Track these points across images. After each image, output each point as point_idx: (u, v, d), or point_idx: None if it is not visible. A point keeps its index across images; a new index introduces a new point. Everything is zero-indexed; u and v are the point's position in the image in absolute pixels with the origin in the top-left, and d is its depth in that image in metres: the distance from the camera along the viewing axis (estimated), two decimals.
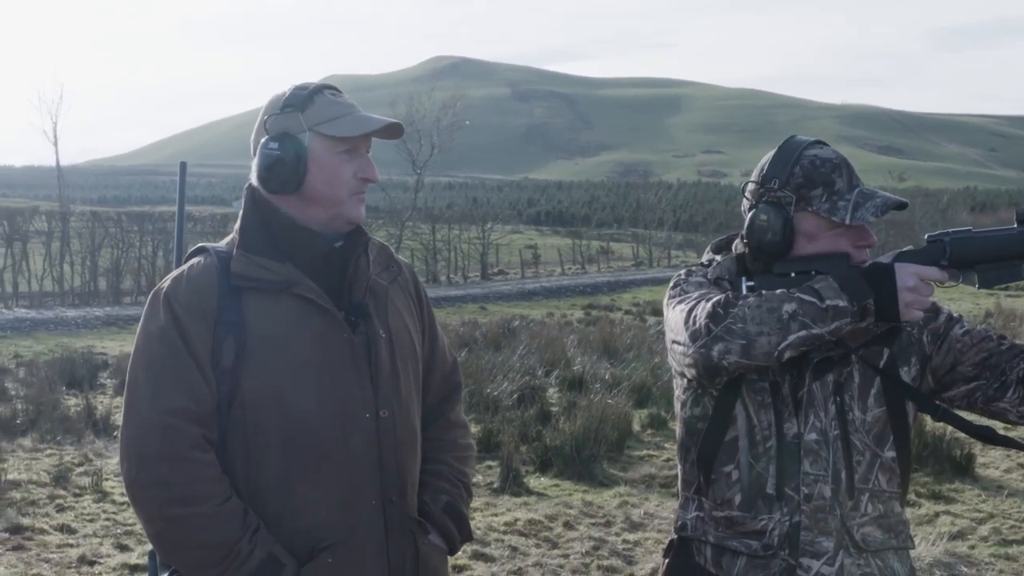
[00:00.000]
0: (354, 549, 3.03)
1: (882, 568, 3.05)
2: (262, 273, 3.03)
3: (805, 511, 2.99)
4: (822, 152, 3.07)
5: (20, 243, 31.80)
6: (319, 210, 3.10)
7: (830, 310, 2.83)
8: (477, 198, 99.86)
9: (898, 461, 3.10)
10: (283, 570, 2.93)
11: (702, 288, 3.08)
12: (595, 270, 52.02)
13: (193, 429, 2.92)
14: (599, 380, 15.22)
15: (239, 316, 3.00)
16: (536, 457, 11.12)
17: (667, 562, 3.22)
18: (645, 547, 8.37)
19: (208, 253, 3.12)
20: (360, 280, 3.16)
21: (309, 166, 3.07)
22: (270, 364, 2.98)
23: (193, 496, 2.89)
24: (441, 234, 46.76)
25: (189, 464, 2.90)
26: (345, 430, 3.02)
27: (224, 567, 2.89)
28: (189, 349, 2.96)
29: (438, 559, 3.24)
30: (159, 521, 2.93)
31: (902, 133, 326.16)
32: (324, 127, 3.07)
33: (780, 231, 3.02)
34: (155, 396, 2.94)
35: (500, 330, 21.71)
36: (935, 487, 9.90)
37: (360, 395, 3.05)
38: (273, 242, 3.09)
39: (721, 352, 2.87)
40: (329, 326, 3.05)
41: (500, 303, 33.66)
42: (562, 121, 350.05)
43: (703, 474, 3.09)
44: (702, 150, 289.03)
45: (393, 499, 3.10)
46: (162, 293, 3.05)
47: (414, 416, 3.23)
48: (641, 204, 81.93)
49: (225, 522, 2.90)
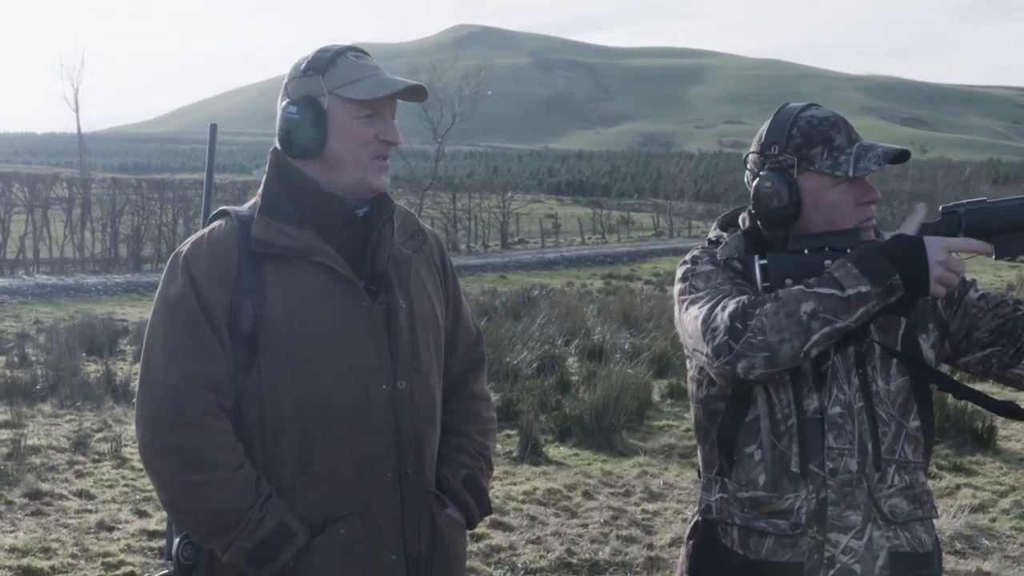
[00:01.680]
0: (369, 521, 3.01)
1: (909, 539, 3.03)
2: (282, 239, 3.00)
3: (831, 486, 2.95)
4: (818, 112, 3.07)
5: (41, 210, 31.83)
6: (341, 176, 3.06)
7: (852, 298, 2.81)
8: (498, 167, 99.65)
9: (922, 430, 3.07)
10: (294, 538, 2.92)
11: (712, 279, 3.04)
12: (615, 240, 51.91)
13: (208, 395, 2.91)
14: (619, 350, 15.19)
15: (258, 282, 2.98)
16: (555, 426, 11.12)
17: (692, 544, 3.17)
18: (664, 517, 8.35)
19: (229, 217, 3.10)
20: (383, 249, 3.12)
21: (330, 129, 3.03)
22: (288, 332, 2.96)
23: (206, 462, 2.88)
24: (461, 203, 46.70)
25: (202, 430, 2.89)
26: (362, 401, 3.00)
27: (235, 534, 2.88)
28: (206, 314, 2.94)
29: (455, 533, 3.21)
30: (172, 487, 2.93)
31: (925, 105, 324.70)
32: (344, 90, 3.03)
33: (787, 195, 3.00)
34: (170, 361, 2.93)
35: (520, 299, 21.69)
36: (956, 459, 9.86)
37: (378, 366, 3.03)
38: (296, 207, 3.06)
39: (746, 368, 2.85)
40: (348, 295, 3.02)
41: (520, 272, 33.61)
42: (584, 91, 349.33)
43: (724, 456, 3.06)
44: (724, 120, 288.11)
45: (409, 471, 3.07)
46: (181, 256, 3.03)
47: (434, 388, 3.20)
48: (662, 174, 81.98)
49: (237, 489, 2.89)
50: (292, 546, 2.91)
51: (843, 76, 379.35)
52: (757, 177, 3.06)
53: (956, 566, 7.07)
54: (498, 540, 7.70)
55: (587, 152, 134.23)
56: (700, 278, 3.07)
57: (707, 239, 3.25)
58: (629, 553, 7.51)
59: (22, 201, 31.76)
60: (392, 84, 3.07)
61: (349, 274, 3.03)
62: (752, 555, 3.01)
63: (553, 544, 7.69)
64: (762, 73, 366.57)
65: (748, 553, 3.02)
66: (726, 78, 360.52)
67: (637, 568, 7.22)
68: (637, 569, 7.21)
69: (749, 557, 3.02)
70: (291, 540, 2.91)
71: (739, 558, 3.03)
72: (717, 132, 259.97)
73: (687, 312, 3.04)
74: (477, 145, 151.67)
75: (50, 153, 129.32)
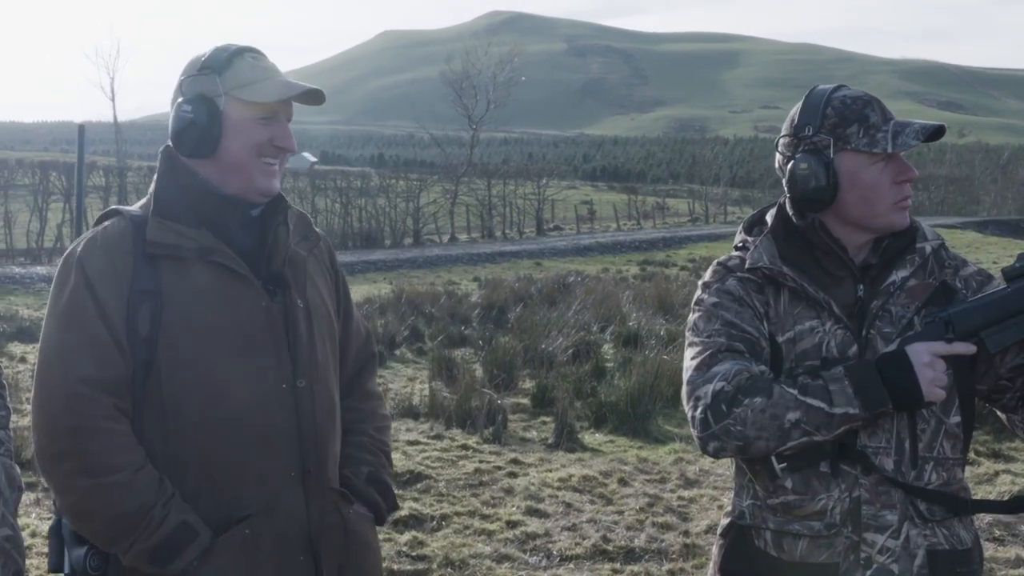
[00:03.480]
0: (273, 520, 2.97)
1: (948, 536, 2.97)
2: (178, 240, 2.96)
3: (864, 485, 2.91)
4: (849, 92, 3.01)
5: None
6: (233, 177, 3.02)
7: (837, 418, 2.80)
8: (532, 153, 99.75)
9: (962, 426, 3.01)
10: (197, 538, 2.87)
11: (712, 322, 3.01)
12: (650, 226, 51.86)
13: (105, 399, 2.86)
14: (654, 336, 15.15)
15: (155, 283, 2.93)
16: (591, 413, 11.10)
17: (724, 544, 3.13)
18: (700, 504, 8.32)
19: (121, 216, 3.05)
20: (279, 249, 3.09)
21: (224, 130, 2.99)
22: (187, 333, 2.91)
23: (106, 466, 2.83)
24: (496, 190, 46.67)
25: (101, 434, 2.84)
26: (263, 400, 2.96)
27: (137, 535, 2.83)
28: (102, 316, 2.89)
29: (366, 528, 3.20)
30: (71, 493, 2.88)
31: (962, 88, 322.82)
32: (241, 91, 2.99)
33: (824, 175, 2.94)
34: (66, 365, 2.88)
35: (555, 286, 21.67)
36: (995, 445, 9.78)
37: (277, 365, 3.00)
38: (190, 208, 3.01)
39: (716, 449, 2.89)
40: (247, 294, 2.99)
41: (555, 259, 33.60)
42: (618, 76, 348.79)
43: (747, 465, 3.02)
44: (759, 105, 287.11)
45: (311, 470, 3.04)
46: (75, 257, 2.97)
47: (332, 387, 3.18)
48: (697, 160, 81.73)
49: (139, 489, 2.84)
50: (195, 545, 2.86)
51: (879, 60, 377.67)
52: (791, 160, 3.02)
53: (995, 553, 7.01)
54: (533, 527, 7.69)
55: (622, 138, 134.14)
56: (703, 316, 3.04)
57: (734, 245, 3.21)
58: (665, 540, 7.49)
59: (59, 190, 31.90)
60: (290, 87, 3.04)
61: (247, 273, 2.99)
62: (786, 556, 2.97)
63: (588, 531, 7.68)
64: (797, 57, 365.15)
65: (782, 555, 2.98)
66: (761, 62, 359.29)
67: (673, 555, 7.20)
68: (673, 556, 7.18)
69: (783, 559, 2.98)
70: (194, 539, 2.86)
71: (772, 560, 3.00)
72: (752, 117, 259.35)
73: (686, 352, 3.05)
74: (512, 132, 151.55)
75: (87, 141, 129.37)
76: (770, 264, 3.01)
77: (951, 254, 3.12)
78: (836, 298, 2.97)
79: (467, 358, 14.11)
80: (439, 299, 19.60)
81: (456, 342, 15.41)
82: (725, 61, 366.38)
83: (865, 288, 3.00)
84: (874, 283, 3.00)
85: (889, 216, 2.98)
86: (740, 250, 3.15)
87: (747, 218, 3.27)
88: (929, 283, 3.02)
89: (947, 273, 3.06)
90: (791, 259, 3.02)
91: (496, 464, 9.38)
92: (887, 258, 3.02)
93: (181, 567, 2.85)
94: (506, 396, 11.82)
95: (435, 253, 34.35)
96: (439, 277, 27.10)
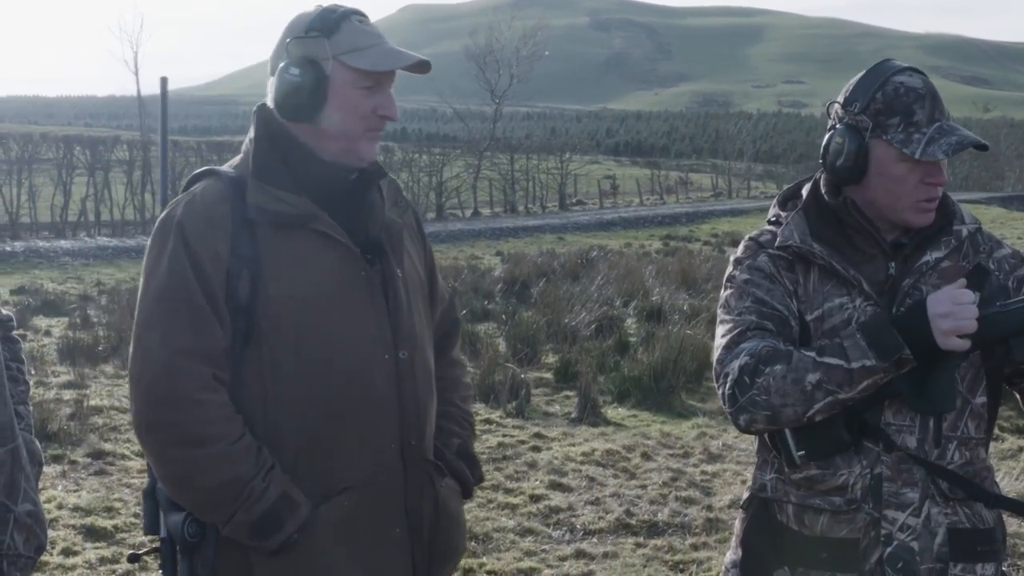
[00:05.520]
0: (372, 493, 2.94)
1: (969, 515, 2.95)
2: (280, 206, 2.90)
3: (886, 462, 2.90)
4: (909, 80, 2.94)
5: (102, 172, 32.03)
6: (333, 143, 2.96)
7: (857, 372, 2.77)
8: (555, 128, 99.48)
9: (987, 406, 3.00)
10: (297, 510, 2.83)
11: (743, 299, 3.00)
12: (673, 201, 51.81)
13: (203, 369, 2.82)
14: (677, 311, 15.15)
15: (254, 250, 2.87)
16: (614, 387, 11.11)
17: (747, 517, 3.13)
18: (723, 479, 8.32)
19: (218, 177, 3.00)
20: (376, 216, 3.04)
21: (328, 96, 2.92)
22: (288, 301, 2.86)
23: (203, 437, 2.80)
24: (519, 164, 46.64)
25: (198, 405, 2.80)
26: (366, 371, 2.93)
27: (236, 506, 2.80)
28: (201, 283, 2.84)
29: (455, 502, 3.16)
30: (168, 463, 2.86)
31: (987, 63, 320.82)
32: (350, 57, 2.92)
33: (853, 156, 2.92)
34: (165, 334, 2.83)
35: (578, 260, 21.70)
36: (1019, 421, 9.75)
37: (379, 335, 2.96)
38: (288, 171, 2.96)
39: (747, 421, 2.88)
40: (347, 263, 2.95)
41: (578, 233, 33.60)
42: (641, 51, 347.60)
43: (770, 440, 3.00)
44: (783, 80, 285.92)
45: (412, 442, 3.01)
46: (174, 221, 2.91)
47: (429, 356, 3.14)
48: (720, 135, 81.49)
49: (237, 461, 2.80)
50: (296, 517, 2.83)
51: (903, 35, 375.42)
52: (832, 130, 3.00)
53: (1019, 528, 7.01)
54: (557, 501, 7.70)
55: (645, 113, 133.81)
56: (734, 294, 3.03)
57: (767, 219, 3.20)
58: (688, 514, 7.50)
59: (83, 164, 31.97)
60: (400, 58, 2.97)
61: (347, 241, 2.95)
62: (807, 531, 2.97)
63: (612, 505, 7.69)
64: (821, 32, 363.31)
65: (803, 529, 2.97)
66: (785, 37, 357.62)
67: (696, 530, 7.21)
68: (696, 531, 7.19)
69: (804, 533, 2.97)
70: (295, 511, 2.83)
71: (794, 534, 2.99)
72: (776, 92, 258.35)
73: (717, 329, 3.05)
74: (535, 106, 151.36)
75: (111, 116, 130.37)
76: (800, 242, 3.00)
77: (986, 237, 3.09)
78: (866, 275, 2.95)
79: (490, 332, 14.11)
80: (462, 273, 19.62)
81: (479, 316, 15.40)
82: (749, 35, 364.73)
83: (897, 266, 2.97)
84: (907, 262, 2.98)
85: (908, 214, 2.95)
86: (773, 224, 3.14)
87: (782, 191, 3.25)
88: (963, 266, 2.99)
89: (982, 256, 3.03)
90: (822, 236, 3.00)
91: (519, 438, 9.40)
92: (921, 238, 2.99)
93: (282, 539, 2.82)
94: (529, 370, 11.83)
95: (458, 227, 34.39)
96: (462, 251, 27.14)
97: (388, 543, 2.98)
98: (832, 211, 3.03)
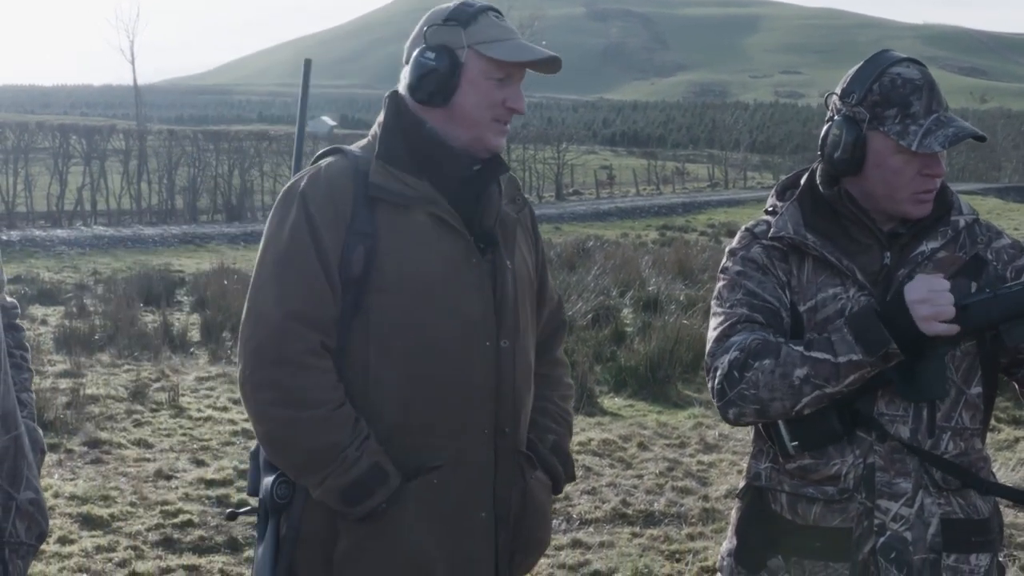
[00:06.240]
0: (461, 474, 3.01)
1: (964, 506, 2.96)
2: (400, 187, 3.00)
3: (879, 452, 2.90)
4: (906, 71, 2.92)
5: (98, 161, 32.00)
6: (461, 130, 3.04)
7: (843, 366, 2.77)
8: (552, 118, 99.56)
9: (983, 397, 3.00)
10: (387, 480, 2.91)
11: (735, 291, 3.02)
12: (670, 191, 51.73)
13: (313, 335, 2.91)
14: (674, 301, 15.15)
15: (372, 227, 2.97)
16: (610, 377, 11.12)
17: (741, 507, 3.14)
18: (720, 468, 8.34)
19: (344, 155, 3.09)
20: (492, 208, 3.11)
21: (461, 83, 3.01)
22: (398, 279, 2.95)
23: (306, 400, 2.89)
24: (516, 154, 46.57)
25: (304, 370, 2.90)
26: (467, 356, 3.00)
27: (329, 471, 2.88)
28: (319, 252, 2.94)
29: (544, 495, 3.22)
30: (268, 422, 2.94)
31: (985, 53, 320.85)
32: (485, 47, 3.00)
33: (850, 149, 2.92)
34: (279, 296, 2.94)
35: (575, 250, 21.69)
36: (1015, 412, 9.77)
37: (483, 322, 3.03)
38: (413, 155, 3.04)
39: (736, 415, 2.91)
40: (459, 249, 3.02)
41: (575, 223, 33.58)
42: (638, 41, 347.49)
43: (765, 431, 3.01)
44: (780, 70, 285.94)
45: (506, 430, 3.07)
46: (298, 190, 3.01)
47: (530, 349, 3.21)
48: (717, 125, 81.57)
49: (335, 427, 2.89)
50: (385, 487, 2.91)
51: (901, 25, 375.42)
52: (830, 122, 3.00)
53: (1016, 519, 7.01)
54: None
55: (642, 103, 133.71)
56: (727, 285, 3.05)
57: (764, 209, 3.20)
58: (684, 504, 7.51)
59: (80, 153, 31.96)
60: (534, 52, 3.04)
61: (462, 228, 3.02)
62: (801, 520, 2.98)
63: (608, 495, 7.70)
64: (818, 22, 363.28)
65: (797, 518, 2.98)
66: (782, 27, 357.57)
67: (692, 519, 7.22)
68: (692, 520, 7.20)
69: (797, 522, 2.98)
70: (384, 481, 2.91)
71: (787, 523, 3.00)
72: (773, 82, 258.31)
73: (710, 321, 3.08)
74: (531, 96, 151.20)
75: (107, 105, 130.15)
76: (794, 233, 3.00)
77: (984, 228, 3.07)
78: (861, 265, 2.95)
79: None
80: None
81: None
82: (746, 26, 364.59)
83: (892, 256, 2.97)
84: (902, 252, 2.98)
85: (905, 205, 2.95)
86: (770, 214, 3.14)
87: (781, 181, 3.26)
88: (959, 256, 2.98)
89: (979, 247, 3.02)
90: (816, 226, 3.00)
91: None
92: (918, 229, 2.99)
93: (370, 507, 2.91)
94: None
95: None
96: None
97: (473, 527, 3.05)
98: (827, 201, 3.03)
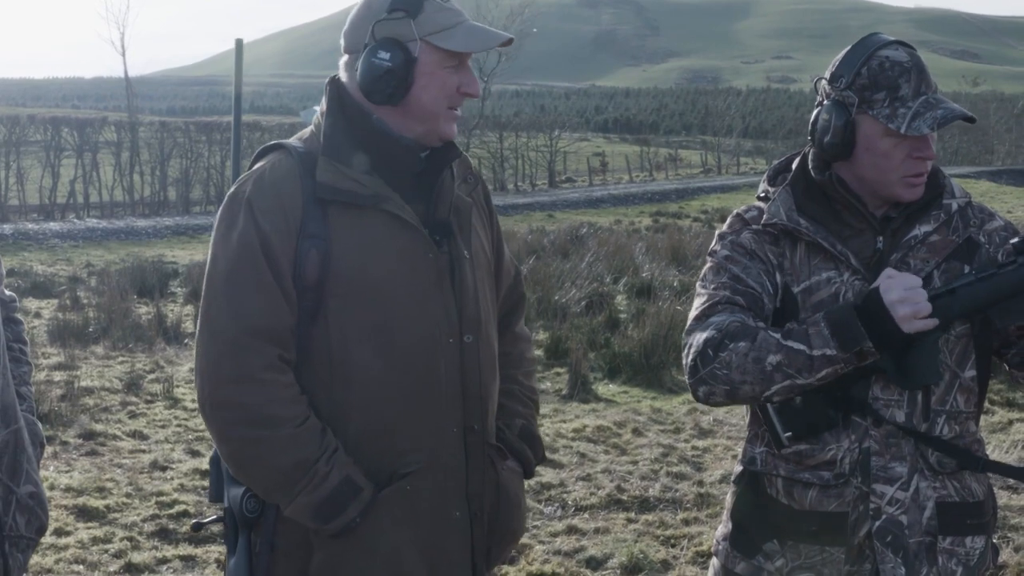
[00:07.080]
0: (433, 476, 2.93)
1: (959, 489, 2.97)
2: (352, 185, 2.87)
3: (874, 436, 2.91)
4: (894, 54, 2.92)
5: (90, 154, 31.92)
6: (415, 124, 2.92)
7: (817, 360, 2.77)
8: (544, 106, 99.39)
9: (977, 380, 3.01)
10: (360, 494, 2.82)
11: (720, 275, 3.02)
12: (663, 177, 51.68)
13: (270, 348, 2.80)
14: (667, 287, 15.19)
15: (324, 228, 2.84)
16: (604, 364, 11.14)
17: (737, 491, 3.14)
18: (714, 454, 8.35)
19: (287, 152, 2.94)
20: (444, 197, 3.01)
21: (417, 78, 2.87)
22: (356, 282, 2.85)
23: (267, 418, 2.79)
24: (508, 142, 46.50)
25: (264, 385, 2.79)
26: (430, 355, 2.91)
27: (299, 488, 2.79)
28: (270, 262, 2.81)
29: (516, 485, 3.15)
30: (232, 442, 2.84)
31: (977, 37, 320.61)
32: (438, 38, 2.87)
33: (840, 133, 2.92)
34: (232, 312, 2.81)
35: (568, 238, 21.71)
36: (1009, 394, 9.79)
37: (445, 318, 2.94)
38: (363, 151, 2.91)
39: (706, 394, 2.93)
40: (415, 245, 2.92)
41: (568, 211, 33.57)
42: (630, 27, 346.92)
43: (760, 411, 3.01)
44: (772, 56, 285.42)
45: (475, 427, 3.00)
46: (244, 197, 2.87)
47: (494, 339, 3.12)
48: (710, 111, 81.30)
49: (302, 443, 2.79)
50: (358, 501, 2.82)
51: (893, 9, 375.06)
52: (819, 107, 2.99)
53: (1008, 501, 7.03)
54: (548, 477, 7.72)
55: (634, 89, 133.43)
56: (712, 268, 3.05)
57: (757, 195, 3.19)
58: (679, 490, 7.52)
59: (71, 145, 31.88)
60: (488, 38, 2.95)
61: (416, 223, 2.91)
62: (796, 505, 2.98)
63: (603, 481, 7.71)
64: (811, 7, 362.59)
65: (792, 503, 2.98)
66: (774, 12, 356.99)
67: (687, 505, 7.23)
68: (687, 506, 7.22)
69: (793, 507, 2.99)
70: (357, 495, 2.82)
71: (783, 507, 3.00)
72: (765, 67, 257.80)
73: (696, 295, 3.07)
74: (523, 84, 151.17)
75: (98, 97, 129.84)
76: (787, 219, 3.00)
77: (977, 210, 3.08)
78: (854, 250, 2.96)
79: None
80: None
81: None
82: (738, 11, 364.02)
83: (885, 240, 2.98)
84: (895, 236, 2.98)
85: (896, 188, 2.95)
86: (762, 200, 3.14)
87: (772, 166, 3.25)
88: (952, 239, 2.99)
89: (972, 230, 3.02)
90: (809, 211, 3.00)
91: None
92: (909, 212, 2.99)
93: (344, 523, 2.82)
94: None
95: None
96: None
97: (448, 527, 2.97)
98: (819, 186, 3.03)
